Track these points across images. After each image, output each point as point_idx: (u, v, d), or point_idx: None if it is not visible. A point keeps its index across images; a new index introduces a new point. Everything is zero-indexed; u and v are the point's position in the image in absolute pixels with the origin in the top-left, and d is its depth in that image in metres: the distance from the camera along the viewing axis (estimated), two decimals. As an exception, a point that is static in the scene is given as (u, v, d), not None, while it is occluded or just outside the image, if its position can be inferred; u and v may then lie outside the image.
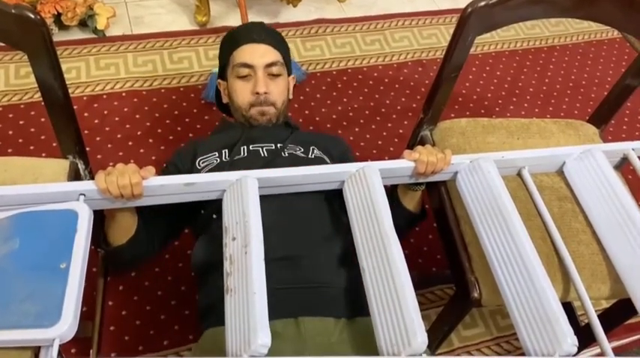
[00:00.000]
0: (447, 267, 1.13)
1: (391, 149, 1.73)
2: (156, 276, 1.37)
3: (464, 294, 1.00)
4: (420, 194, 1.13)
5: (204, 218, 1.08)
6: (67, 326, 0.73)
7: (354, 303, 0.95)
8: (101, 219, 1.05)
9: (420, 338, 0.74)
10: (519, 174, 1.11)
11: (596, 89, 2.08)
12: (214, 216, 1.05)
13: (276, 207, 0.97)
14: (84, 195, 0.90)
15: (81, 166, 1.03)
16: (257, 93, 1.15)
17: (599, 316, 0.89)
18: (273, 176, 0.97)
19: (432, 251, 1.53)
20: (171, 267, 1.39)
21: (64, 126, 0.98)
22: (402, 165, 1.02)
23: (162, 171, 1.12)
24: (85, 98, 1.69)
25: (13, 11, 0.78)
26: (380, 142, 1.75)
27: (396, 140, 1.76)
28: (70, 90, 0.96)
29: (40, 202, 0.88)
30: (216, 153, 1.11)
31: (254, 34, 1.19)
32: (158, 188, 0.93)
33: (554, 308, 0.80)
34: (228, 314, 0.80)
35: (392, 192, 1.12)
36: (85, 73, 1.77)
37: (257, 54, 1.17)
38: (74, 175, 1.02)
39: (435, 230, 1.53)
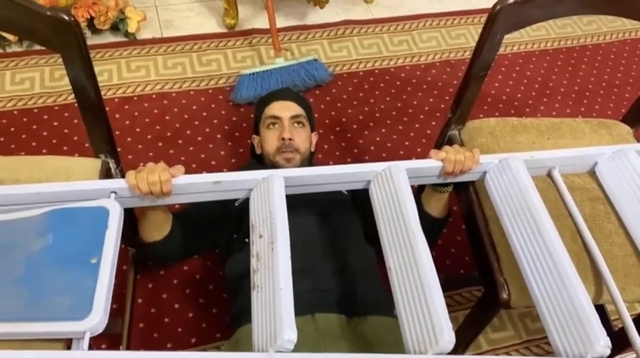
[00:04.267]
0: (474, 268, 1.11)
1: (418, 150, 1.72)
2: (185, 275, 1.39)
3: (492, 296, 0.99)
4: (447, 196, 1.13)
5: (237, 241, 1.17)
6: (97, 319, 0.75)
7: (363, 304, 1.04)
8: (131, 218, 1.08)
9: (447, 336, 0.73)
10: (549, 175, 1.09)
11: (631, 89, 2.02)
12: (246, 241, 1.11)
13: (296, 223, 0.99)
14: (115, 192, 0.92)
15: (112, 165, 1.05)
16: (283, 138, 1.28)
17: (633, 320, 0.87)
18: (300, 175, 0.97)
19: (459, 253, 1.51)
20: (200, 265, 1.41)
21: (96, 126, 1.00)
22: (430, 165, 1.01)
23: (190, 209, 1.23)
24: (116, 100, 1.73)
25: (48, 13, 0.80)
26: (407, 143, 1.74)
27: (423, 140, 1.74)
28: (102, 93, 0.99)
29: (72, 199, 0.90)
30: None
31: (282, 94, 1.40)
32: (187, 186, 0.95)
33: (585, 309, 0.78)
34: (254, 311, 0.81)
35: (416, 199, 1.13)
36: (116, 75, 1.80)
37: (284, 108, 1.34)
38: (105, 174, 1.04)
39: (462, 232, 1.51)
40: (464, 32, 2.15)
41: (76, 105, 0.96)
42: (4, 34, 1.78)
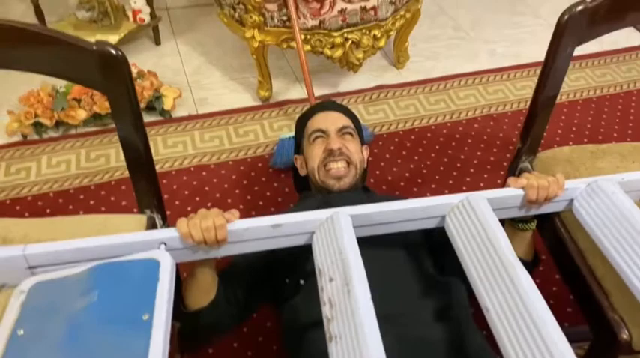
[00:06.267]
0: (580, 321, 0.95)
1: (473, 204, 1.60)
2: (235, 353, 1.25)
3: (607, 339, 0.83)
4: (531, 234, 1.00)
5: (290, 287, 1.01)
6: (153, 381, 0.62)
7: (468, 356, 0.84)
8: (178, 283, 0.97)
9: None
10: (644, 200, 0.97)
11: (688, 128, 1.92)
12: (301, 282, 0.99)
13: (366, 262, 0.86)
14: (165, 243, 0.83)
15: (158, 221, 0.97)
16: (330, 149, 1.14)
17: None
18: (367, 212, 0.87)
19: (558, 304, 1.32)
20: (251, 341, 1.27)
21: (142, 177, 0.93)
22: (511, 194, 0.90)
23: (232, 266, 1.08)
24: (153, 176, 1.68)
25: (94, 48, 0.75)
26: (460, 197, 1.62)
27: (477, 193, 1.63)
28: None
29: (118, 254, 0.81)
30: None
31: (325, 105, 1.28)
32: (243, 232, 0.85)
33: None
34: (336, 364, 0.67)
35: None
36: (153, 152, 1.75)
37: (329, 120, 1.21)
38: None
39: (557, 281, 1.35)
40: (501, 88, 2.10)
41: (112, 183, 0.90)
42: (42, 120, 1.78)
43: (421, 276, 0.97)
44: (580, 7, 0.87)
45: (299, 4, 1.68)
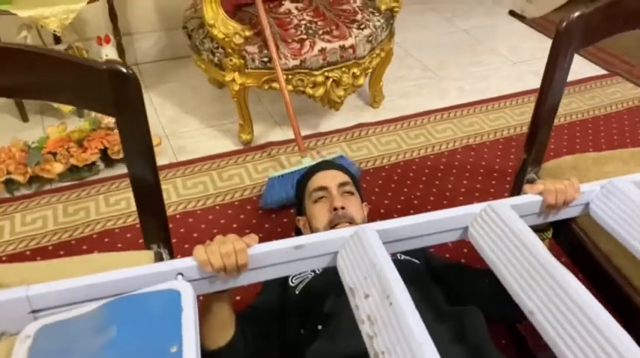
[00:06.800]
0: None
1: (468, 230, 1.59)
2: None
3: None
4: (547, 243, 0.99)
5: (307, 336, 0.98)
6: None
7: None
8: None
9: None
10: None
11: (657, 147, 1.99)
12: (320, 328, 0.96)
13: None
14: (182, 274, 0.77)
15: (165, 256, 0.91)
16: (335, 209, 1.15)
17: None
18: (393, 226, 0.84)
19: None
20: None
21: (150, 210, 0.89)
22: (531, 200, 0.90)
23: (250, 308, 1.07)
24: (137, 226, 1.60)
25: (104, 67, 0.72)
26: (455, 225, 1.61)
27: (471, 220, 1.63)
28: (120, 221, 0.88)
29: (131, 290, 0.75)
30: (309, 270, 1.06)
31: (324, 165, 1.33)
32: (264, 255, 0.80)
33: None
34: (391, 380, 0.62)
35: None
36: (134, 203, 1.69)
37: (329, 177, 1.24)
38: (160, 265, 0.88)
39: None
40: (476, 120, 2.15)
41: (94, 236, 0.85)
42: (14, 177, 1.69)
43: (431, 306, 0.97)
44: (577, 14, 0.90)
45: (279, 45, 1.69)
